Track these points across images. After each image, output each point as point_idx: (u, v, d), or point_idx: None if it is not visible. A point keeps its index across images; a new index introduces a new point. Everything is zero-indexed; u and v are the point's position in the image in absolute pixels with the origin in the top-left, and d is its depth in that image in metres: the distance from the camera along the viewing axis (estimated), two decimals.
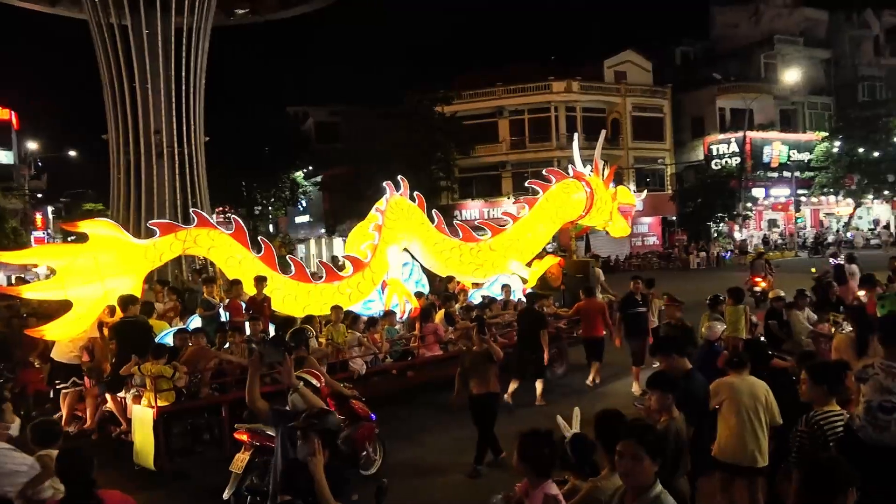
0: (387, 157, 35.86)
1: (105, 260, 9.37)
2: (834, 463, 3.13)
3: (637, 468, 3.11)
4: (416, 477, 7.52)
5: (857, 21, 51.22)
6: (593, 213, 14.01)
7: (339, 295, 11.12)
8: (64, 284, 9.16)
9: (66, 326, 9.18)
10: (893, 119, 43.05)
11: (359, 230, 12.44)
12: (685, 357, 5.39)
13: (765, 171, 44.44)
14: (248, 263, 10.69)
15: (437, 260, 12.78)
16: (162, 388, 7.74)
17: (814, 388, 4.39)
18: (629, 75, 44.96)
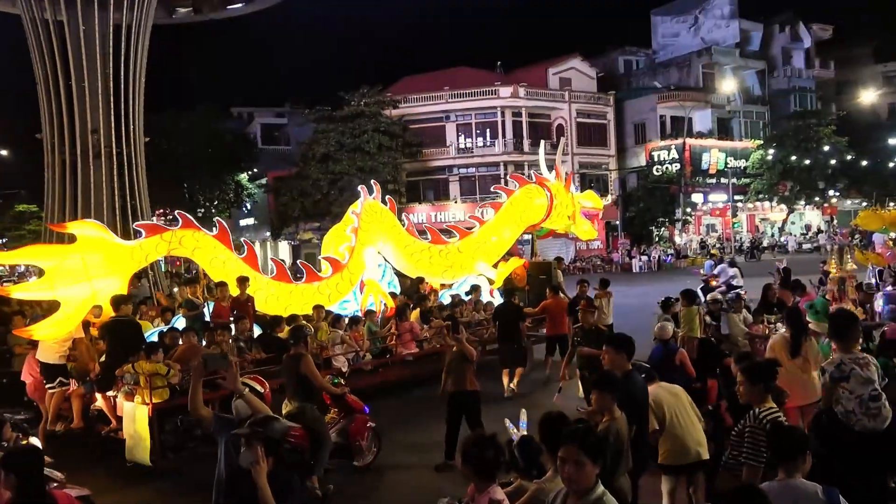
0: (333, 159, 35.72)
1: (93, 261, 9.44)
2: (796, 430, 3.81)
3: (579, 473, 3.14)
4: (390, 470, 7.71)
5: (790, 33, 53.33)
6: (553, 216, 14.53)
7: (319, 295, 11.49)
8: (53, 285, 9.22)
9: (54, 326, 9.14)
10: (824, 128, 44.92)
11: (334, 232, 12.93)
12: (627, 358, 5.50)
13: (703, 178, 45.74)
14: (231, 264, 10.91)
15: (408, 261, 13.23)
16: (157, 385, 7.92)
17: (751, 389, 4.47)
18: (574, 82, 45.75)
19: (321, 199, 35.60)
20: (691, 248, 44.18)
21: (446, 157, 41.74)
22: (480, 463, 3.47)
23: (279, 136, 50.60)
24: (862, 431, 4.66)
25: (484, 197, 41.69)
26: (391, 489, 7.32)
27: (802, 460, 3.55)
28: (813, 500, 3.40)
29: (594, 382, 4.68)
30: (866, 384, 4.73)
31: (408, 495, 7.11)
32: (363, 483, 7.44)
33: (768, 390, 4.46)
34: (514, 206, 14.35)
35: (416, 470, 7.74)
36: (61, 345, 9.11)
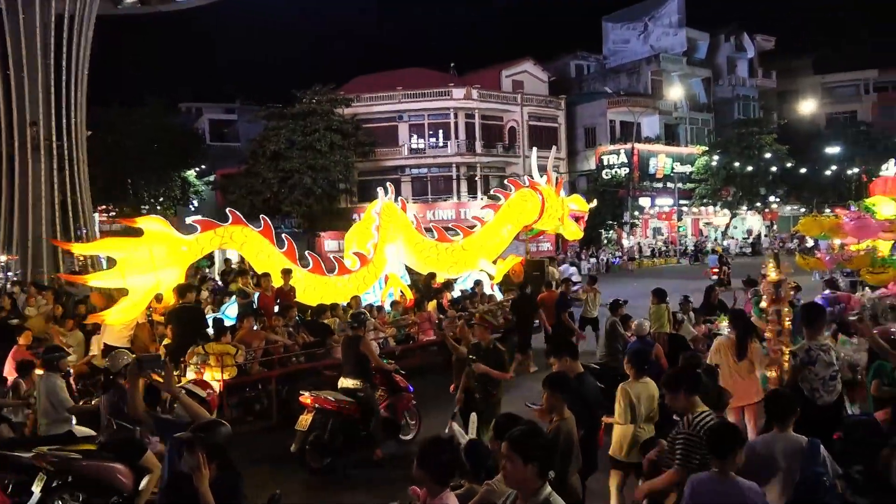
0: (284, 157, 35.22)
1: (158, 253, 10.36)
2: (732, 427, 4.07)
3: (512, 470, 3.14)
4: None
5: (735, 43, 54.94)
6: (545, 218, 15.70)
7: (349, 287, 12.69)
8: (124, 274, 10.14)
9: (123, 312, 10.01)
10: (765, 136, 46.37)
11: (357, 229, 14.23)
12: (577, 361, 5.57)
13: (651, 182, 46.72)
14: (274, 258, 11.91)
15: (417, 258, 14.28)
16: (227, 363, 8.88)
17: (673, 397, 4.52)
18: (526, 85, 46.18)
19: (271, 197, 35.06)
20: (638, 250, 45.06)
21: (399, 157, 41.62)
22: (437, 467, 3.40)
23: (228, 132, 49.68)
24: (822, 405, 5.61)
25: (436, 198, 41.72)
26: None
27: (734, 458, 3.75)
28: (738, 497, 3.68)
29: (545, 383, 4.69)
30: (828, 367, 5.71)
31: None
32: (409, 455, 7.63)
33: (692, 394, 4.48)
34: (511, 208, 15.48)
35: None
36: (127, 329, 9.90)
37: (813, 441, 4.20)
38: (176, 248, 10.68)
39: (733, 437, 3.86)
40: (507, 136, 44.16)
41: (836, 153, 48.57)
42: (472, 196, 41.94)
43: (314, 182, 35.13)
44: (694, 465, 4.12)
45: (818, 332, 5.98)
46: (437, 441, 3.58)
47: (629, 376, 5.63)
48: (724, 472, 3.71)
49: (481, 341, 7.35)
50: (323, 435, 7.58)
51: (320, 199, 35.77)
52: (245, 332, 9.69)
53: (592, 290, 14.06)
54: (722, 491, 3.65)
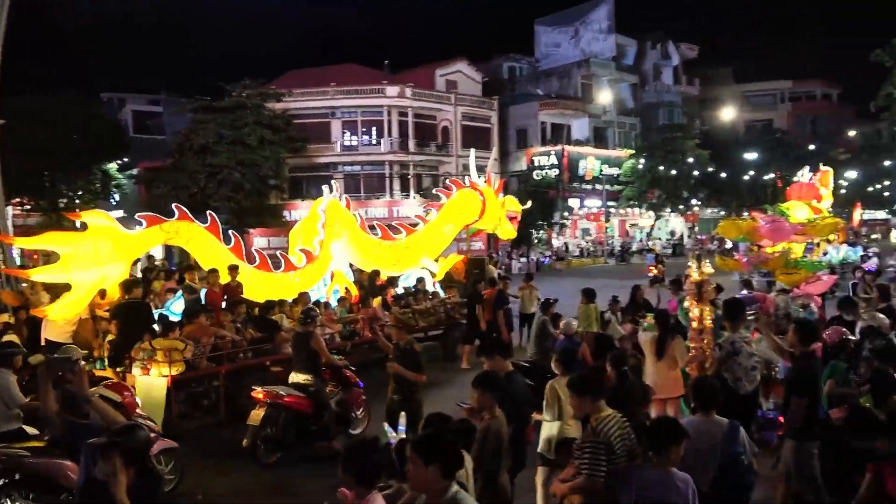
0: (212, 151, 34.29)
1: (102, 248, 10.17)
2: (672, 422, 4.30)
3: (415, 473, 3.19)
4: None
5: (661, 51, 56.77)
6: (485, 218, 16.13)
7: (296, 283, 12.71)
8: (68, 269, 9.93)
9: (66, 307, 9.93)
10: (688, 141, 48.10)
11: (302, 227, 14.22)
12: (508, 360, 5.65)
13: (580, 183, 47.75)
14: (221, 254, 11.89)
15: (362, 256, 14.40)
16: (174, 359, 8.92)
17: (579, 401, 4.47)
18: (460, 85, 46.45)
19: (198, 192, 34.04)
20: (567, 250, 45.99)
21: (331, 153, 41.19)
22: (362, 469, 3.35)
23: (153, 124, 47.93)
24: (744, 394, 6.00)
25: (368, 195, 41.45)
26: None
27: (676, 449, 3.96)
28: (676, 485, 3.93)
29: (475, 382, 4.73)
30: (750, 357, 6.13)
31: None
32: None
33: (598, 398, 4.46)
34: (453, 208, 15.85)
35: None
36: (69, 324, 9.90)
37: (733, 423, 4.57)
38: (121, 243, 10.54)
39: (671, 432, 4.05)
40: (441, 136, 44.32)
41: (753, 159, 50.89)
42: (405, 195, 41.92)
43: (243, 177, 34.33)
44: (601, 473, 4.11)
45: (739, 325, 6.42)
46: (360, 443, 3.54)
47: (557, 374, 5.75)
48: (662, 465, 3.94)
49: (399, 341, 7.28)
50: (275, 429, 7.73)
51: (250, 195, 34.98)
52: (195, 328, 9.71)
53: (529, 286, 14.52)
54: (661, 483, 3.90)
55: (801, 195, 25.04)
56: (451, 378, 11.74)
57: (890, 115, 30.98)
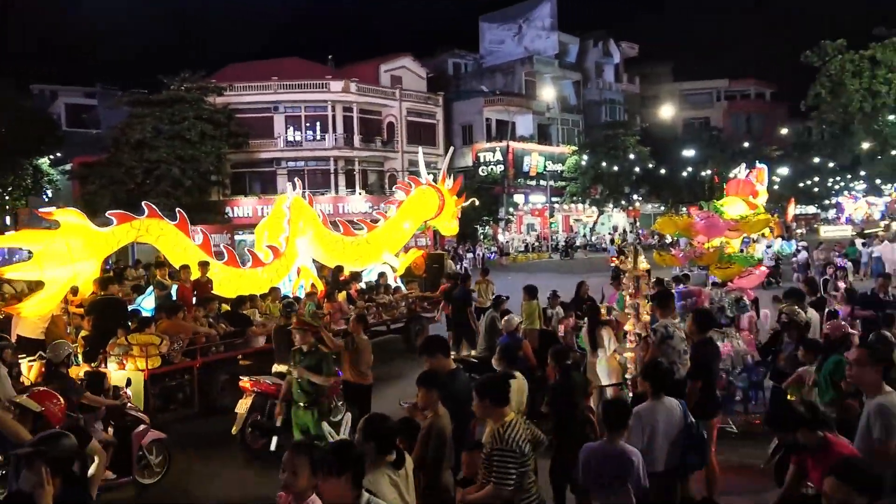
0: (150, 146, 33.35)
1: (74, 245, 10.32)
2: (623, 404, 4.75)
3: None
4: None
5: (602, 49, 57.76)
6: (443, 215, 16.63)
7: (263, 279, 12.98)
8: (41, 266, 10.07)
9: (39, 304, 10.02)
10: (629, 138, 49.11)
11: (267, 223, 14.53)
12: (449, 358, 5.66)
13: (524, 179, 48.25)
14: (190, 251, 12.10)
15: (325, 252, 14.62)
16: (151, 353, 9.12)
17: (479, 405, 4.35)
18: (405, 81, 46.31)
19: (135, 188, 33.05)
20: (513, 246, 46.42)
21: (274, 149, 40.56)
22: (313, 464, 3.26)
23: (88, 118, 46.29)
24: (678, 379, 6.05)
25: (313, 191, 40.88)
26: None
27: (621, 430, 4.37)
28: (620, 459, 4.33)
29: (418, 380, 4.74)
30: (682, 341, 6.31)
31: None
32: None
33: (499, 405, 4.34)
34: (412, 204, 16.19)
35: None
36: (42, 321, 9.91)
37: (682, 402, 5.04)
38: (92, 240, 10.70)
39: (622, 413, 4.50)
40: (386, 131, 44.15)
41: (691, 156, 52.27)
42: (351, 191, 41.60)
43: (183, 173, 33.45)
44: (511, 480, 4.10)
45: (670, 313, 6.64)
46: (299, 445, 3.49)
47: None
48: (613, 441, 4.36)
49: (302, 345, 7.05)
50: (262, 417, 8.07)
51: (190, 191, 34.11)
52: (172, 325, 9.87)
53: (485, 281, 14.90)
54: (609, 455, 4.31)
55: (739, 191, 25.95)
56: (415, 369, 11.63)
57: (819, 114, 32.27)
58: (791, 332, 7.54)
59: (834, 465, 3.00)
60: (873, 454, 4.13)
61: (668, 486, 4.85)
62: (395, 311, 14.23)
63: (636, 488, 4.25)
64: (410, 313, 14.46)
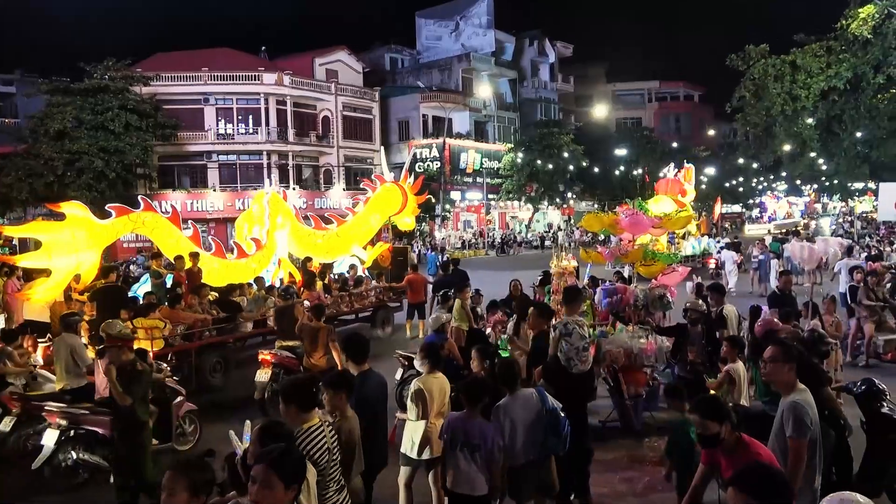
0: (70, 137, 31.88)
1: (79, 236, 11.16)
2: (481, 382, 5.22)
3: (267, 496, 2.88)
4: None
5: (538, 48, 58.39)
6: (405, 211, 17.57)
7: (248, 269, 13.96)
8: (50, 255, 10.96)
9: (47, 290, 10.91)
10: (564, 137, 49.78)
11: (247, 217, 15.57)
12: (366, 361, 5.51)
13: (461, 176, 48.33)
14: (182, 242, 12.99)
15: (298, 244, 15.52)
16: (155, 336, 9.78)
17: (285, 409, 4.15)
18: (340, 75, 45.73)
19: (55, 180, 31.50)
20: (449, 242, 46.44)
21: (204, 142, 39.37)
22: (192, 486, 3.05)
23: (4, 106, 44.03)
24: (577, 373, 6.35)
25: (245, 186, 40.01)
26: None
27: (479, 404, 4.91)
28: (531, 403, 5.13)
29: (325, 382, 4.55)
30: (582, 339, 6.42)
31: None
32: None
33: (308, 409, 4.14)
34: (378, 201, 17.23)
35: None
36: (47, 306, 10.85)
37: (538, 388, 5.45)
38: (94, 231, 11.46)
39: (481, 390, 4.96)
40: (321, 126, 43.47)
41: (623, 155, 53.43)
42: (285, 185, 40.75)
43: (107, 165, 32.06)
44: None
45: (576, 310, 6.83)
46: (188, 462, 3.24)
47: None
48: (472, 415, 4.88)
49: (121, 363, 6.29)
50: (276, 384, 8.81)
51: (114, 184, 32.71)
52: (173, 312, 10.63)
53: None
54: (466, 424, 4.85)
55: (668, 190, 26.66)
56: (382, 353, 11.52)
57: (743, 116, 33.19)
58: (696, 326, 7.73)
59: (734, 475, 2.94)
60: (786, 453, 4.17)
61: (522, 477, 5.18)
62: (365, 301, 15.30)
63: (489, 456, 4.79)
64: (378, 302, 15.48)
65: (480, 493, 4.83)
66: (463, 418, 4.90)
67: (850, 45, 28.32)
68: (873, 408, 6.00)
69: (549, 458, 5.28)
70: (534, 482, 5.25)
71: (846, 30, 27.72)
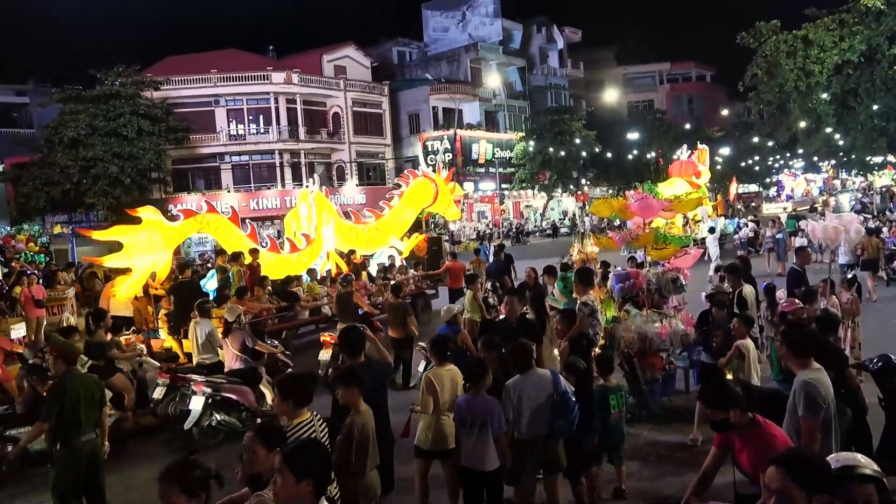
0: (85, 144, 32.19)
1: (154, 238, 12.21)
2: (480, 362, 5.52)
3: (284, 487, 2.90)
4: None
5: (546, 35, 58.00)
6: (438, 203, 18.64)
7: (300, 262, 15.12)
8: (131, 255, 11.98)
9: (129, 288, 11.98)
10: (575, 123, 49.47)
11: (294, 214, 16.80)
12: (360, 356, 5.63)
13: (473, 167, 48.22)
14: (242, 240, 14.08)
15: (342, 239, 16.60)
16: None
17: (282, 406, 4.24)
18: (349, 70, 45.71)
19: (71, 188, 31.90)
20: (464, 234, 46.40)
21: (217, 143, 39.56)
22: (186, 488, 3.06)
23: (19, 117, 44.55)
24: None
25: (259, 185, 40.21)
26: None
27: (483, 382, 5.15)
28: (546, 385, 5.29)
29: (338, 378, 4.59)
30: (597, 313, 7.07)
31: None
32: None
33: (301, 405, 4.23)
34: (412, 194, 18.24)
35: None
36: (129, 302, 12.06)
37: (553, 371, 5.54)
38: (167, 233, 12.50)
39: (480, 369, 5.16)
40: (332, 122, 43.53)
41: (636, 139, 53.00)
42: (298, 183, 40.89)
43: (122, 171, 32.38)
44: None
45: (591, 288, 7.32)
46: (182, 464, 3.21)
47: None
48: (478, 391, 5.10)
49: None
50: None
51: (129, 189, 33.05)
52: (242, 303, 11.22)
53: (478, 261, 16.73)
54: (473, 402, 5.07)
55: (682, 172, 26.40)
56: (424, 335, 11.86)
57: (756, 94, 32.79)
58: (720, 308, 7.62)
59: (778, 456, 2.91)
60: (800, 432, 4.14)
61: (528, 451, 5.30)
62: (405, 288, 15.98)
63: (496, 430, 5.00)
64: (417, 290, 16.42)
65: (491, 468, 5.01)
66: (468, 398, 5.12)
67: (864, 17, 27.85)
68: (891, 383, 5.93)
69: (556, 437, 5.32)
70: (539, 458, 5.35)
71: (859, 1, 27.28)
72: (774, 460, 2.84)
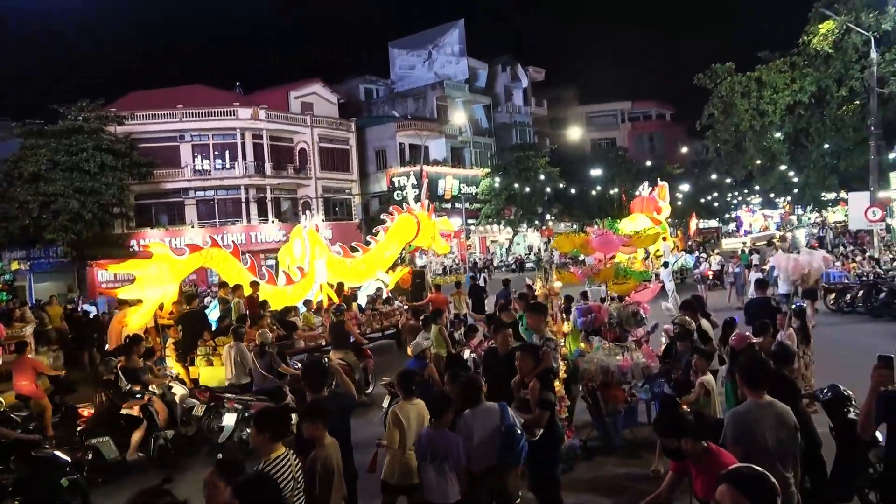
0: (45, 179, 31.70)
1: (164, 270, 12.99)
2: (446, 396, 5.62)
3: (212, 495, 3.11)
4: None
5: (510, 74, 59.21)
6: (420, 237, 19.27)
7: (295, 294, 15.87)
8: (142, 287, 12.83)
9: (141, 317, 12.64)
10: (539, 160, 50.30)
11: (287, 249, 17.74)
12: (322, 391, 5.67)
13: (440, 203, 48.49)
14: (243, 273, 14.97)
15: (331, 272, 17.23)
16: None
17: (257, 436, 4.24)
18: (315, 107, 45.97)
19: (31, 223, 31.33)
20: (431, 269, 46.43)
21: (181, 178, 39.26)
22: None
23: None
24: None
25: (224, 221, 39.90)
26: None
27: (445, 416, 5.30)
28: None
29: (305, 413, 4.61)
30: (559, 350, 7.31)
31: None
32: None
33: (277, 438, 4.24)
34: (396, 229, 18.98)
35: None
36: (141, 331, 12.17)
37: (501, 404, 5.60)
38: (175, 266, 13.28)
39: (444, 403, 5.31)
40: (298, 158, 43.59)
41: (599, 175, 54.04)
42: (264, 219, 40.75)
43: (83, 206, 31.91)
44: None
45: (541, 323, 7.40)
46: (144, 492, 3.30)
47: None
48: (438, 426, 5.24)
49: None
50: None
51: (91, 224, 32.56)
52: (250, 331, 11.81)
53: (459, 293, 18.01)
54: (436, 437, 5.20)
55: (643, 208, 27.01)
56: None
57: (713, 133, 33.90)
58: (684, 342, 7.81)
59: (726, 472, 3.03)
60: (746, 459, 4.28)
61: (479, 482, 5.40)
62: (392, 319, 17.07)
63: (454, 463, 5.13)
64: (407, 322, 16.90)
65: (453, 501, 5.14)
66: (430, 432, 5.26)
67: (813, 60, 29.11)
68: (840, 413, 6.14)
69: (507, 468, 5.42)
70: (491, 488, 5.45)
71: (808, 45, 28.52)
72: (722, 478, 2.96)
